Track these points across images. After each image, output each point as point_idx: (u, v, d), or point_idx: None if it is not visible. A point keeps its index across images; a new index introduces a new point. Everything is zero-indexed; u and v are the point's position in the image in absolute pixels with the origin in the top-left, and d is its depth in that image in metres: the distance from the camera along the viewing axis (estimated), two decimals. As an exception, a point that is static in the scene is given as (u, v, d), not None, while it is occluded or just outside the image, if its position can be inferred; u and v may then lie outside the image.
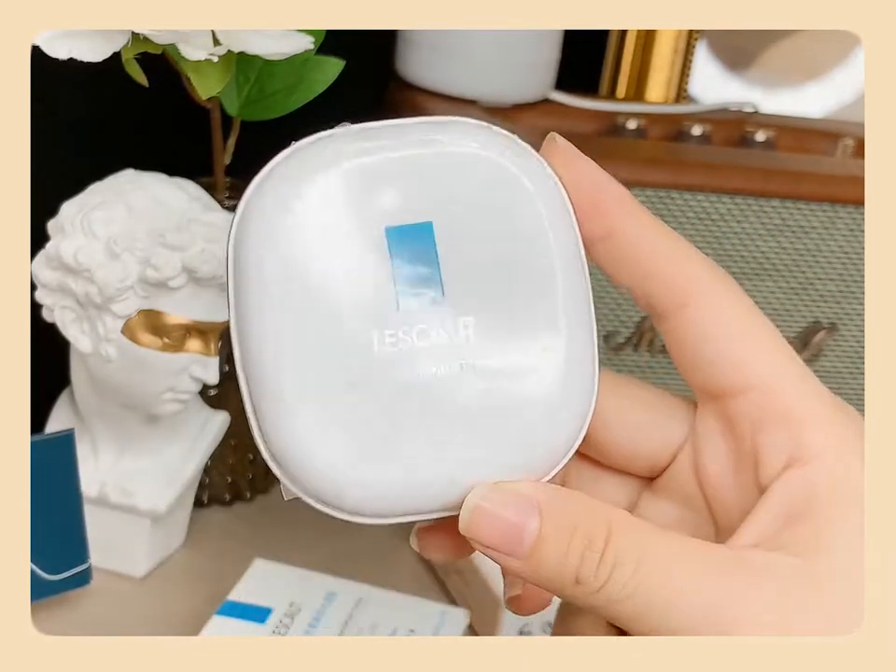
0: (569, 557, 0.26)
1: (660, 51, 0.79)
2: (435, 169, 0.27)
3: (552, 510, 0.27)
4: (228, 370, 0.62)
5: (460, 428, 0.27)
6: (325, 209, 0.26)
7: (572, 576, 0.27)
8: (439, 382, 0.26)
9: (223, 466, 0.65)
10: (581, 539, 0.26)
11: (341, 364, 0.26)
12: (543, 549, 0.27)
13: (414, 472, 0.27)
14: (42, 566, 0.52)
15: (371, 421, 0.26)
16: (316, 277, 0.26)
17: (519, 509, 0.27)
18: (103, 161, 0.56)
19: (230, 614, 0.52)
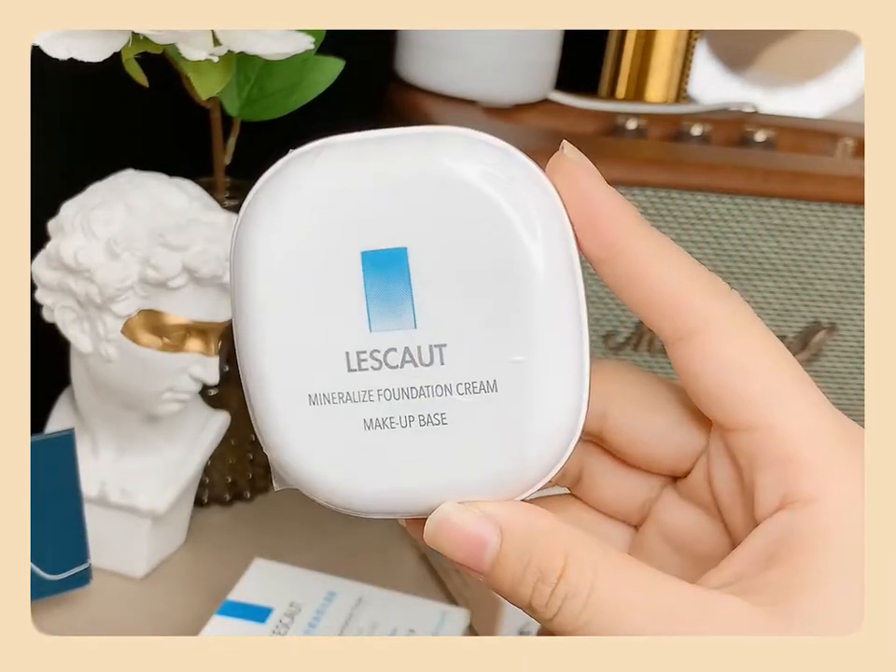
0: (523, 586, 0.27)
1: (660, 51, 0.79)
2: (417, 191, 0.27)
3: (511, 533, 0.27)
4: (228, 370, 0.62)
5: (436, 445, 0.28)
6: (308, 228, 0.27)
7: (526, 602, 0.27)
8: (411, 402, 0.27)
9: (223, 465, 0.65)
10: (535, 571, 0.27)
11: (319, 375, 0.27)
12: (500, 571, 0.27)
13: (398, 481, 0.28)
14: (42, 565, 0.52)
15: (353, 432, 0.28)
16: (298, 292, 0.27)
17: (480, 528, 0.27)
18: (103, 160, 0.56)
19: (230, 614, 0.52)
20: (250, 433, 0.65)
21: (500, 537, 0.27)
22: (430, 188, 0.27)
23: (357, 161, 0.27)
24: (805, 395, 0.28)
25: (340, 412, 0.27)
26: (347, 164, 0.27)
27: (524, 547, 0.27)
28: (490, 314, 0.27)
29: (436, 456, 0.28)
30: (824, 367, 0.67)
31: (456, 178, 0.27)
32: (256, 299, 0.27)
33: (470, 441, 0.28)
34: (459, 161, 0.27)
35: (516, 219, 0.27)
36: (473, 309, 0.27)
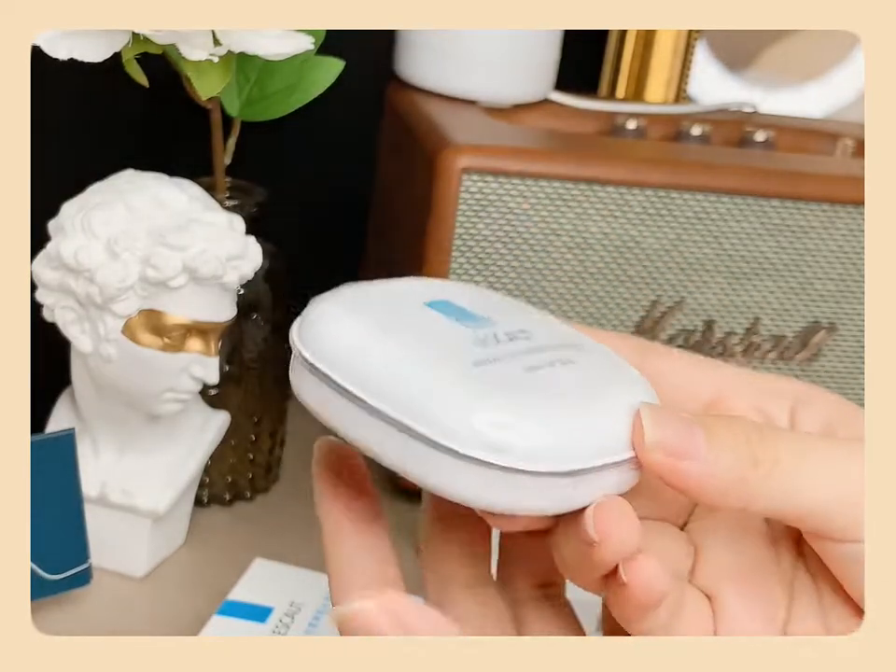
0: (743, 444, 0.28)
1: (659, 52, 0.79)
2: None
3: (717, 431, 0.28)
4: (228, 369, 0.62)
5: (591, 399, 0.29)
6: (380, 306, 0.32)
7: (751, 458, 0.28)
8: (545, 366, 0.29)
9: (223, 465, 0.65)
10: (743, 429, 0.28)
11: (461, 354, 0.29)
12: (717, 441, 0.28)
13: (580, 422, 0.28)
14: (42, 565, 0.52)
15: (515, 383, 0.29)
16: (403, 336, 0.30)
17: (682, 416, 0.28)
18: (103, 161, 0.56)
19: (230, 614, 0.52)
20: (250, 433, 0.66)
21: (706, 436, 0.28)
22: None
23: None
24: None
25: (502, 368, 0.29)
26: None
27: (726, 419, 0.28)
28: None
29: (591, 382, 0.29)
30: (824, 367, 0.67)
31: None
32: (381, 361, 0.29)
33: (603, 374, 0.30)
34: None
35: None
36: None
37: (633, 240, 0.62)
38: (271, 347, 0.64)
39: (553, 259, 0.62)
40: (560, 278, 0.62)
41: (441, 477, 0.28)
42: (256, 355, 0.64)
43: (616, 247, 0.62)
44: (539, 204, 0.61)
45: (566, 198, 0.61)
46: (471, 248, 0.61)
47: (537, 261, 0.62)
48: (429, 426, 0.28)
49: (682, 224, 0.63)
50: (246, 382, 0.64)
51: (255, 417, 0.65)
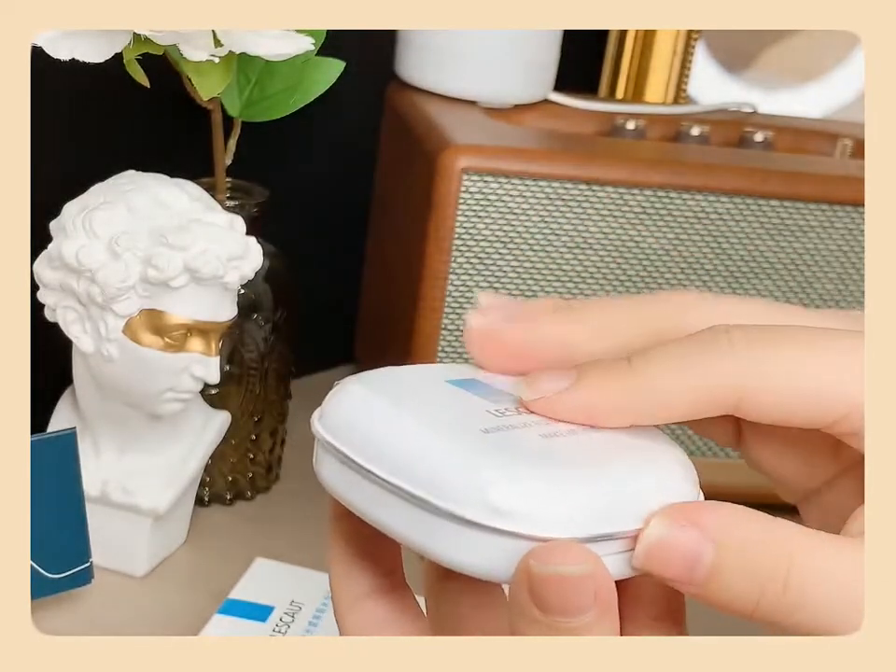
0: (742, 600, 0.26)
1: (659, 52, 0.79)
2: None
3: (726, 546, 0.26)
4: (228, 369, 0.62)
5: (605, 466, 0.28)
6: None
7: (749, 613, 0.26)
8: (563, 434, 0.28)
9: (224, 465, 0.65)
10: (761, 581, 0.26)
11: (475, 422, 0.29)
12: (717, 582, 0.26)
13: (591, 494, 0.27)
14: (43, 564, 0.52)
15: (527, 450, 0.28)
16: (415, 409, 0.29)
17: (692, 544, 0.26)
18: (104, 161, 0.56)
19: (231, 613, 0.52)
20: (251, 432, 0.66)
21: (714, 551, 0.26)
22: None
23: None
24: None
25: (516, 434, 0.28)
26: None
27: (743, 557, 0.26)
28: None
29: (611, 472, 0.27)
30: (824, 367, 0.67)
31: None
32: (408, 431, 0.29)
33: (634, 462, 0.28)
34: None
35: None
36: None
37: (632, 240, 0.62)
38: (271, 347, 0.64)
39: (552, 259, 0.62)
40: (560, 278, 0.62)
41: (447, 548, 0.27)
42: (256, 355, 0.64)
43: (615, 248, 0.62)
44: (538, 204, 0.61)
45: (565, 198, 0.61)
46: (471, 248, 0.61)
47: (536, 261, 0.62)
48: (432, 490, 0.27)
49: (682, 224, 0.63)
50: (247, 382, 0.64)
51: (255, 417, 0.65)
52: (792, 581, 0.26)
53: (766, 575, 0.26)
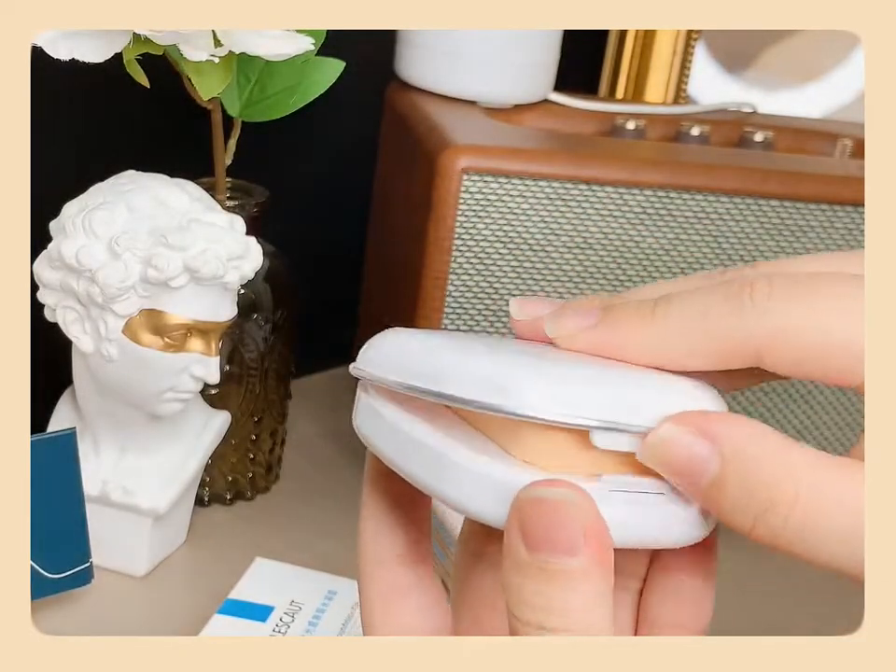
0: (743, 515, 0.26)
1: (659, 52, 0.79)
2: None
3: (733, 457, 0.26)
4: (228, 369, 0.62)
5: (628, 373, 0.29)
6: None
7: (746, 530, 0.26)
8: (591, 359, 0.29)
9: (224, 465, 0.65)
10: (761, 500, 0.26)
11: (505, 345, 0.30)
12: (720, 491, 0.26)
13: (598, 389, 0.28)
14: (43, 564, 0.52)
15: (552, 359, 0.29)
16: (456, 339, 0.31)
17: (699, 449, 0.27)
18: (104, 161, 0.56)
19: (231, 613, 0.52)
20: (251, 432, 0.66)
21: (721, 461, 0.26)
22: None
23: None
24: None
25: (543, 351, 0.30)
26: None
27: (746, 475, 0.26)
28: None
29: (628, 381, 0.28)
30: (824, 367, 0.67)
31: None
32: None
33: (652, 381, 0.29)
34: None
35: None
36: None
37: (632, 240, 0.62)
38: (271, 347, 0.64)
39: (552, 259, 0.62)
40: (559, 278, 0.62)
41: (458, 490, 0.28)
42: (256, 355, 0.64)
43: (615, 247, 0.62)
44: (538, 204, 0.61)
45: (565, 198, 0.61)
46: (471, 248, 0.61)
47: (536, 261, 0.62)
48: (461, 388, 0.28)
49: (681, 224, 0.63)
50: (247, 382, 0.64)
51: (255, 417, 0.65)
52: (798, 506, 0.26)
53: (769, 496, 0.26)
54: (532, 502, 0.26)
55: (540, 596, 0.27)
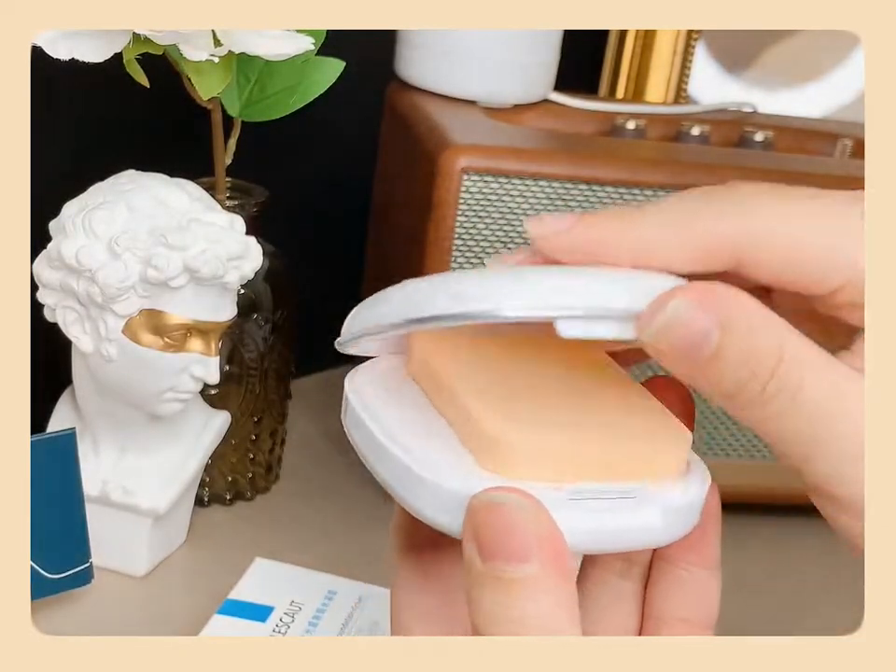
0: (731, 383, 0.27)
1: (659, 52, 0.79)
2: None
3: (732, 327, 0.27)
4: (228, 369, 0.62)
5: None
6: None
7: (730, 396, 0.27)
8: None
9: (224, 465, 0.65)
10: (751, 366, 0.27)
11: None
12: (714, 364, 0.27)
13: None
14: (43, 564, 0.52)
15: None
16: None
17: (705, 320, 0.27)
18: (104, 161, 0.56)
19: (230, 613, 0.52)
20: (251, 432, 0.66)
21: (720, 332, 0.27)
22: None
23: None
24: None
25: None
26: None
27: (742, 345, 0.27)
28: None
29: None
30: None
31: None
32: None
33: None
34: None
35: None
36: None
37: (633, 240, 0.62)
38: (271, 347, 0.64)
39: (552, 259, 0.62)
40: (560, 278, 0.62)
41: (421, 501, 0.29)
42: (256, 355, 0.64)
43: (616, 247, 0.62)
44: (538, 204, 0.61)
45: (565, 198, 0.61)
46: (471, 248, 0.61)
47: (537, 261, 0.62)
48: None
49: (682, 224, 0.63)
50: (247, 382, 0.64)
51: (255, 417, 0.65)
52: (781, 373, 0.27)
53: (760, 362, 0.27)
54: (483, 508, 0.27)
55: (497, 606, 0.27)
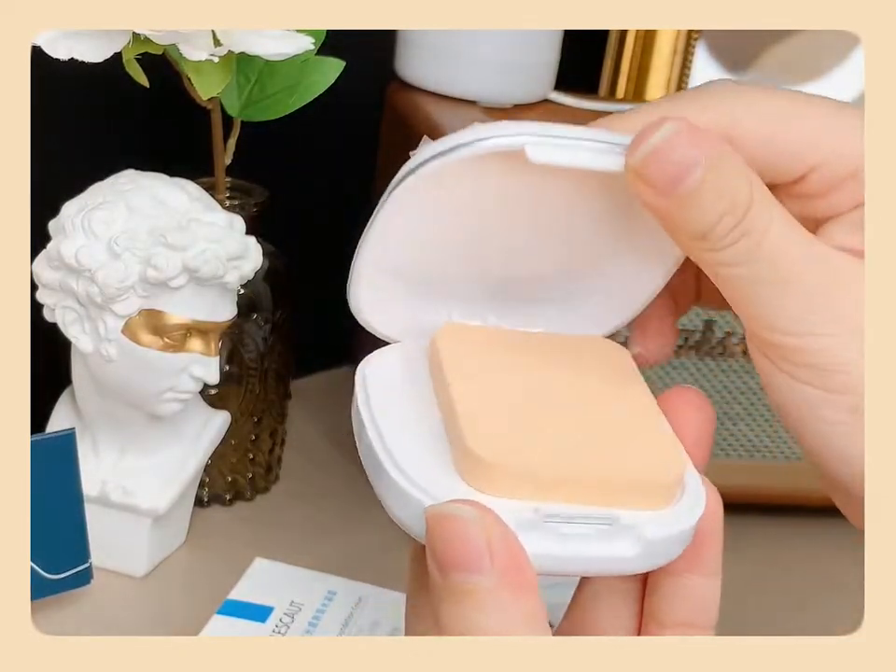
0: (711, 214, 0.29)
1: (659, 52, 0.79)
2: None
3: (715, 164, 0.29)
4: (228, 369, 0.62)
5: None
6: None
7: (706, 230, 0.29)
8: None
9: (224, 465, 0.65)
10: (726, 204, 0.29)
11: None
12: (692, 199, 0.29)
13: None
14: (43, 565, 0.52)
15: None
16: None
17: (693, 152, 0.29)
18: (103, 161, 0.56)
19: (230, 613, 0.52)
20: (250, 432, 0.66)
21: (706, 163, 0.29)
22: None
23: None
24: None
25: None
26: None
27: (721, 182, 0.29)
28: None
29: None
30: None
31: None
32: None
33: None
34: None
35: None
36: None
37: (633, 240, 0.62)
38: (271, 347, 0.64)
39: (552, 259, 0.62)
40: (560, 278, 0.62)
41: (392, 503, 0.29)
42: (256, 355, 0.64)
43: (616, 247, 0.62)
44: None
45: (566, 198, 0.61)
46: (471, 248, 0.61)
47: (537, 261, 0.62)
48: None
49: (682, 224, 0.62)
50: (247, 382, 0.64)
51: (255, 417, 0.65)
52: (752, 214, 0.29)
53: (736, 199, 0.29)
54: (436, 518, 0.27)
55: (456, 619, 0.27)
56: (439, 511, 0.27)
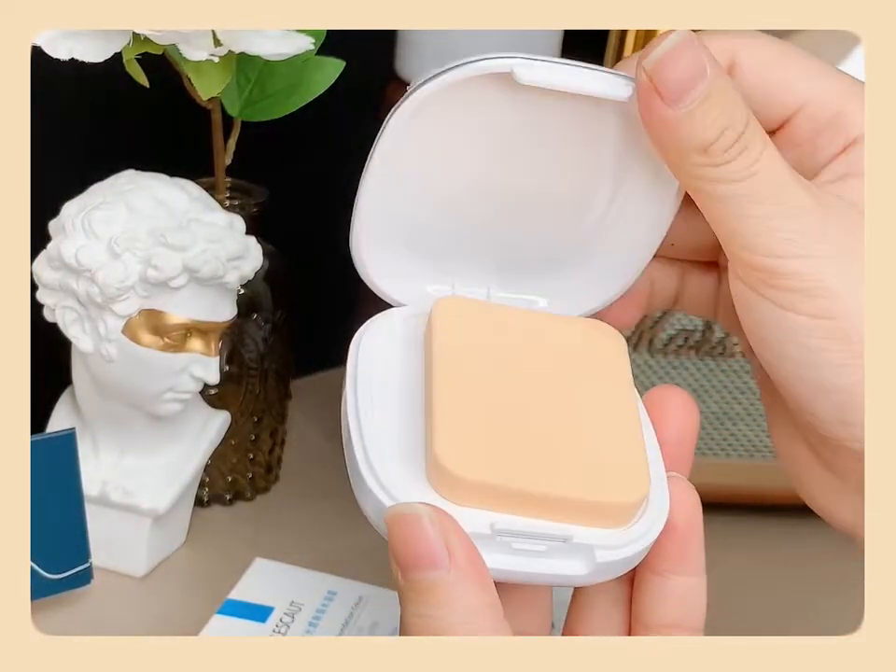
0: (713, 129, 0.30)
1: (660, 52, 0.79)
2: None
3: (717, 81, 0.31)
4: (228, 369, 0.62)
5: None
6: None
7: (707, 143, 0.30)
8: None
9: (224, 465, 0.65)
10: (727, 119, 0.30)
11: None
12: (698, 111, 0.30)
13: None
14: (43, 565, 0.52)
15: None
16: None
17: (700, 55, 0.32)
18: (103, 161, 0.56)
19: (230, 613, 0.52)
20: (250, 432, 0.66)
21: (709, 77, 0.31)
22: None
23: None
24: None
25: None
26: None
27: (724, 99, 0.31)
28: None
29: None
30: (824, 367, 0.67)
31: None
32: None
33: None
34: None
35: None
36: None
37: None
38: (271, 347, 0.64)
39: (553, 258, 0.62)
40: (560, 278, 0.62)
41: (363, 499, 0.30)
42: (256, 355, 0.64)
43: (616, 247, 0.62)
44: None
45: (566, 198, 0.61)
46: (471, 248, 0.61)
47: (537, 261, 0.62)
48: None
49: (682, 224, 0.62)
50: (247, 382, 0.64)
51: (255, 417, 0.65)
52: (749, 130, 0.31)
53: (737, 112, 0.31)
54: (395, 519, 0.28)
55: (420, 619, 0.27)
56: (398, 511, 0.28)
